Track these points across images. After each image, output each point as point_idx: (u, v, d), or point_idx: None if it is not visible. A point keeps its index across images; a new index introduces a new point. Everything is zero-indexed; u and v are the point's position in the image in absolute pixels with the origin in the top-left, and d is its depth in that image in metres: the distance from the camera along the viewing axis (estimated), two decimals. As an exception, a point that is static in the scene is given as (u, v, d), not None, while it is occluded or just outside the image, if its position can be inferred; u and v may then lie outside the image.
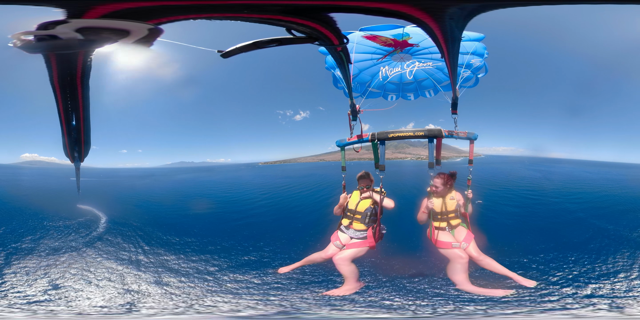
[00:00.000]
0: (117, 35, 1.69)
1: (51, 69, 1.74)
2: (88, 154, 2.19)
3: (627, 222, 9.94)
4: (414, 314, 4.69)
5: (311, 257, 4.99)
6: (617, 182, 21.92)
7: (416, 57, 5.85)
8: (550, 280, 5.83)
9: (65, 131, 2.07)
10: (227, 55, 2.24)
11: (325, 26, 2.08)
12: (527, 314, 4.39)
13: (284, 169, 65.14)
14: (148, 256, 7.83)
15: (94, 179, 32.59)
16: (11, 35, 1.51)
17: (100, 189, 24.69)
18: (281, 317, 4.64)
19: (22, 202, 14.49)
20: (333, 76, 5.99)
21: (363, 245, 4.74)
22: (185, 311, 5.03)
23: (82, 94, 1.95)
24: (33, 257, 7.38)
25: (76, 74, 1.84)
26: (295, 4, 1.84)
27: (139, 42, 1.79)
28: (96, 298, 5.64)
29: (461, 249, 4.51)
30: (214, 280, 6.33)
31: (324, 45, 2.46)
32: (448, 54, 2.72)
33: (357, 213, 4.87)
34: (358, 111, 5.17)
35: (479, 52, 5.52)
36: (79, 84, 1.89)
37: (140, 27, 1.65)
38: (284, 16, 1.93)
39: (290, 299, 5.12)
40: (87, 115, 2.07)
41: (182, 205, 17.43)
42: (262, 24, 1.97)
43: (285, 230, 10.30)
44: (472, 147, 5.04)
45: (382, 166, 4.65)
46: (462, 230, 4.82)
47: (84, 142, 2.13)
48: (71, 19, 1.45)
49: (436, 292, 5.20)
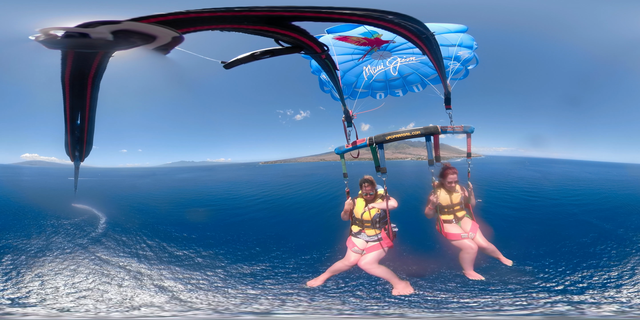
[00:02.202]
0: (143, 39, 1.71)
1: (65, 66, 1.75)
2: (89, 154, 2.19)
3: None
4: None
5: (335, 266, 4.95)
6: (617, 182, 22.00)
7: (396, 53, 5.74)
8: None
9: (69, 129, 2.06)
10: (229, 66, 2.33)
11: (302, 35, 2.11)
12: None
13: (285, 169, 65.19)
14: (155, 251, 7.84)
15: (94, 178, 32.61)
16: (37, 29, 1.52)
17: (100, 188, 24.70)
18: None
19: (22, 200, 14.51)
20: (319, 80, 5.93)
21: (382, 247, 4.81)
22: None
23: (91, 94, 1.96)
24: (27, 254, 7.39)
25: (89, 74, 1.85)
26: (270, 15, 1.87)
27: (159, 48, 1.82)
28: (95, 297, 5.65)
29: (470, 239, 4.67)
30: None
31: (309, 54, 2.50)
32: (428, 50, 2.70)
33: (366, 222, 4.93)
34: (352, 116, 5.13)
35: (467, 44, 5.41)
36: (90, 83, 1.90)
37: (168, 34, 1.68)
38: (268, 27, 1.96)
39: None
40: (92, 116, 2.06)
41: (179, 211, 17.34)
42: (254, 35, 2.01)
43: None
44: (470, 140, 5.01)
45: (384, 169, 4.67)
46: (467, 221, 4.95)
47: (86, 142, 2.13)
48: (112, 20, 1.48)
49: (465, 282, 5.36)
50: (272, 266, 7.42)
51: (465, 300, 4.99)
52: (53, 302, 5.41)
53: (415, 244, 6.69)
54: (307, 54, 2.42)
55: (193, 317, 5.05)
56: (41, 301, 5.41)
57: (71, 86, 1.81)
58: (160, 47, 1.74)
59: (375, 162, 4.77)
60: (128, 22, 1.48)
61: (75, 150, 2.23)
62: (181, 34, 1.66)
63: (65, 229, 9.69)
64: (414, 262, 6.36)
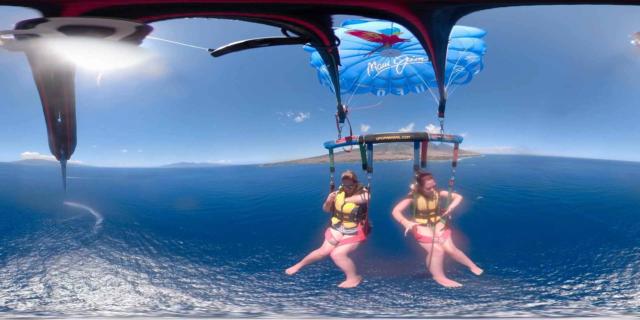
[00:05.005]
0: (101, 33, 1.69)
1: (34, 66, 1.75)
2: (74, 151, 2.21)
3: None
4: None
5: (311, 255, 5.27)
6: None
7: (406, 52, 5.78)
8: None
9: (51, 128, 2.07)
10: (217, 54, 2.24)
11: (320, 27, 2.09)
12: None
13: (286, 171, 65.00)
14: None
15: (94, 178, 32.65)
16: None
17: (101, 188, 24.76)
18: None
19: (22, 200, 14.56)
20: (319, 73, 5.98)
21: (355, 240, 5.12)
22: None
23: (67, 91, 1.95)
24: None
25: (60, 72, 1.84)
26: (292, 4, 1.86)
27: (125, 40, 1.79)
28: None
29: (439, 244, 4.87)
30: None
31: (315, 46, 2.46)
32: (435, 56, 2.72)
33: (345, 214, 5.20)
34: (346, 112, 5.22)
35: (477, 49, 5.43)
36: (64, 81, 1.90)
37: (126, 25, 1.66)
38: (283, 16, 1.94)
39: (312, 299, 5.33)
40: (72, 113, 2.06)
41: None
42: (259, 23, 1.98)
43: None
44: (457, 150, 5.19)
45: (370, 168, 4.84)
46: (440, 226, 5.17)
47: (70, 140, 2.14)
48: (50, 18, 1.46)
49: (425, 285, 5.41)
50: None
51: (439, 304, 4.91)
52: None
53: (387, 241, 6.79)
54: (313, 46, 2.38)
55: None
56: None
57: (46, 86, 1.80)
58: (127, 39, 1.71)
59: (363, 161, 4.92)
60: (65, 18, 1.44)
61: (60, 148, 2.25)
62: (145, 23, 1.62)
63: (59, 227, 9.75)
64: (382, 260, 6.61)
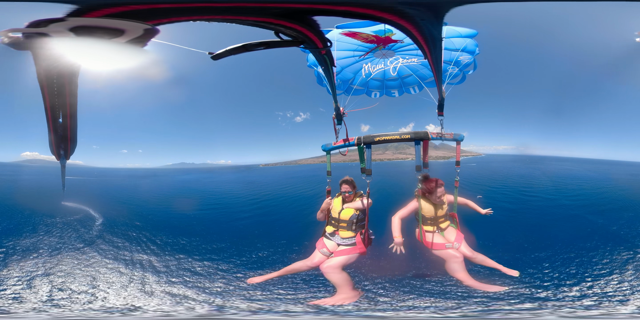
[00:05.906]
0: (110, 34, 1.70)
1: (38, 65, 1.76)
2: (74, 152, 2.22)
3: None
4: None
5: (294, 265, 4.71)
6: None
7: (400, 53, 5.78)
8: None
9: (52, 129, 2.08)
10: (217, 58, 2.26)
11: (310, 30, 2.11)
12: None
13: (287, 171, 64.89)
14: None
15: (94, 178, 32.66)
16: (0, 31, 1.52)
17: (100, 188, 24.75)
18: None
19: (22, 199, 14.55)
20: (316, 74, 5.95)
21: (353, 252, 4.57)
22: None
23: (70, 91, 1.97)
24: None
25: (64, 72, 1.86)
26: (282, 7, 1.87)
27: (131, 42, 1.81)
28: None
29: (454, 249, 4.58)
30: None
31: (309, 49, 2.48)
32: (431, 55, 2.72)
33: (342, 221, 4.68)
34: (343, 114, 5.10)
35: (470, 49, 5.42)
36: (67, 81, 1.91)
37: (137, 27, 1.67)
38: (274, 19, 1.95)
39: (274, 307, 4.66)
40: (74, 113, 2.08)
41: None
42: (253, 26, 2.00)
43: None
44: (459, 148, 5.08)
45: (369, 170, 4.55)
46: (451, 230, 4.87)
47: (70, 140, 2.16)
48: (69, 18, 1.47)
49: (441, 290, 5.01)
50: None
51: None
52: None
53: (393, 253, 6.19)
54: (306, 48, 2.41)
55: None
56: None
57: (48, 86, 1.83)
58: (133, 41, 1.73)
59: (361, 163, 4.71)
60: (75, 18, 1.45)
61: (60, 148, 2.27)
62: (153, 26, 1.65)
63: (57, 227, 9.74)
64: (388, 270, 5.70)
